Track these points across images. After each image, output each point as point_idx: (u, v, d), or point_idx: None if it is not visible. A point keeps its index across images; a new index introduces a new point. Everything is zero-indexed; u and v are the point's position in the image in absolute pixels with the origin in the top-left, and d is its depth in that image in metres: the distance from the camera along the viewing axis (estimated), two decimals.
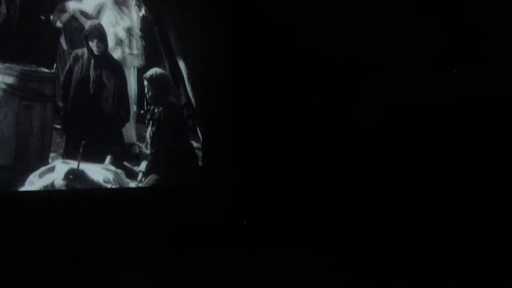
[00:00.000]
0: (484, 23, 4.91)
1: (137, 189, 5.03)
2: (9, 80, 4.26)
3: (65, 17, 4.75)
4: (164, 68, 5.31)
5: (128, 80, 5.08)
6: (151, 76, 5.15)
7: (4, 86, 4.24)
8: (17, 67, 4.30)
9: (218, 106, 5.64)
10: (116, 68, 4.97)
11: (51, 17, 4.63)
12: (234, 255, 4.62)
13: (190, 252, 4.63)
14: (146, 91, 5.14)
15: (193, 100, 5.49)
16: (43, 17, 4.56)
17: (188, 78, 5.45)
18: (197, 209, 5.10)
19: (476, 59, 4.98)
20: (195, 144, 5.46)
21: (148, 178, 5.10)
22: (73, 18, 4.80)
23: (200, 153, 5.45)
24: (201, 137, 5.47)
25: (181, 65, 5.42)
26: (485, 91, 4.87)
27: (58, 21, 4.69)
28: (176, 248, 4.72)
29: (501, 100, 4.81)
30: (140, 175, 5.07)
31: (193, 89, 5.45)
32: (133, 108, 5.14)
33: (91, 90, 4.79)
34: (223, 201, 5.32)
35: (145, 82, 5.12)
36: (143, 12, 5.19)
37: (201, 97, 5.54)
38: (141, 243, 4.57)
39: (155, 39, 5.23)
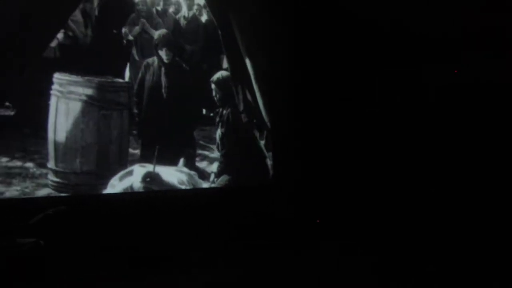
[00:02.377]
0: None
1: (210, 189, 5.17)
2: (89, 91, 4.64)
3: (135, 30, 5.07)
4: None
5: (197, 84, 5.27)
6: (218, 79, 5.27)
7: (85, 98, 4.62)
8: (95, 79, 4.68)
9: (287, 104, 5.61)
10: (185, 74, 5.17)
11: (123, 30, 4.98)
12: (304, 254, 4.52)
13: (261, 250, 4.61)
14: (214, 94, 5.28)
15: (261, 100, 5.51)
16: (115, 31, 4.92)
17: (256, 78, 5.48)
18: (269, 208, 5.10)
19: None
20: (264, 143, 5.48)
21: (220, 178, 5.20)
22: (143, 30, 5.12)
23: (270, 152, 5.45)
24: (270, 136, 5.47)
25: (248, 65, 5.45)
26: None
27: (129, 35, 5.03)
28: (248, 247, 4.72)
29: None
30: (212, 176, 5.20)
31: (260, 88, 5.47)
32: (203, 111, 5.33)
33: (163, 96, 5.04)
34: (294, 199, 5.26)
35: (213, 85, 5.27)
36: (205, 16, 5.38)
37: (269, 96, 5.54)
38: (214, 242, 4.65)
39: (220, 42, 5.34)
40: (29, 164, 4.42)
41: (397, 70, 5.44)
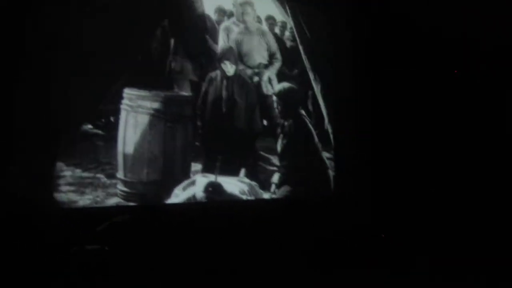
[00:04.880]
0: None
1: (270, 200, 5.18)
2: (156, 105, 4.85)
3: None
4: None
5: (258, 96, 5.33)
6: (280, 91, 5.29)
7: (152, 111, 4.84)
8: (162, 94, 4.89)
9: (351, 115, 5.49)
10: (246, 86, 5.25)
11: None
12: (370, 274, 4.33)
13: (321, 265, 4.52)
14: (275, 106, 5.31)
15: (325, 111, 5.45)
16: None
17: (321, 89, 5.42)
18: (331, 221, 5.00)
19: None
20: (326, 154, 5.40)
21: (281, 189, 5.21)
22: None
23: (332, 163, 5.36)
24: (333, 147, 5.38)
25: (313, 75, 5.40)
26: None
27: None
28: (311, 263, 4.65)
29: None
30: (273, 186, 5.21)
31: (325, 99, 5.40)
32: (264, 122, 5.37)
33: (225, 109, 5.16)
34: (357, 213, 5.10)
35: (274, 97, 5.30)
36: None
37: (333, 107, 5.46)
38: (274, 254, 4.64)
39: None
40: (100, 175, 4.74)
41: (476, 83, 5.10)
